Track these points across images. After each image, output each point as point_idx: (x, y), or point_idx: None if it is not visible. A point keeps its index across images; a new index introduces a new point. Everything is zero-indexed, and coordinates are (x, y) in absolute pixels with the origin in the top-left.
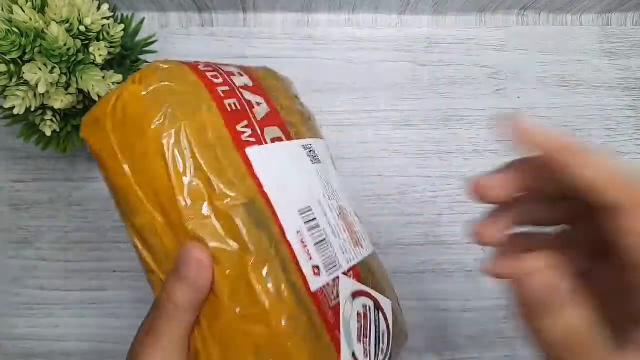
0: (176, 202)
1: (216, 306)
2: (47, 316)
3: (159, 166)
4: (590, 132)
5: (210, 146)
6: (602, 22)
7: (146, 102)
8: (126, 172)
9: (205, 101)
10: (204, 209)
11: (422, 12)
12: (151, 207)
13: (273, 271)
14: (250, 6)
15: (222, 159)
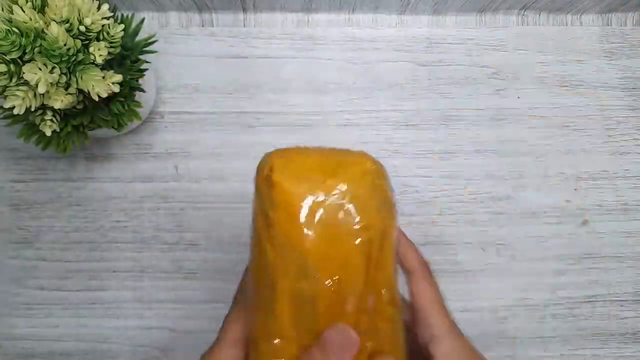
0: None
1: None
2: (47, 316)
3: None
4: (590, 132)
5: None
6: (602, 22)
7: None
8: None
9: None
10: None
11: (422, 12)
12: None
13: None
14: (250, 6)
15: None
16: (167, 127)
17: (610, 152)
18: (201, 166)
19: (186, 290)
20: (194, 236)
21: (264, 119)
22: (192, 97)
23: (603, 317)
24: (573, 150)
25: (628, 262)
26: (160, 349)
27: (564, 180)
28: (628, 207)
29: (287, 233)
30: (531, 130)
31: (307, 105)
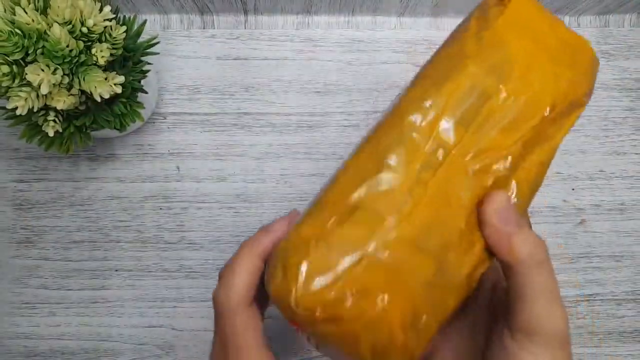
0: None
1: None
2: (49, 315)
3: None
4: (588, 132)
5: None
6: (600, 24)
7: None
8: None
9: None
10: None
11: (421, 14)
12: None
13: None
14: (251, 8)
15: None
16: (169, 128)
17: (608, 153)
18: (202, 166)
19: (188, 289)
20: (195, 235)
21: (265, 120)
22: (194, 98)
23: (600, 316)
24: (570, 150)
25: (625, 262)
26: (161, 348)
27: (561, 180)
28: (625, 207)
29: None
30: None
31: (307, 106)
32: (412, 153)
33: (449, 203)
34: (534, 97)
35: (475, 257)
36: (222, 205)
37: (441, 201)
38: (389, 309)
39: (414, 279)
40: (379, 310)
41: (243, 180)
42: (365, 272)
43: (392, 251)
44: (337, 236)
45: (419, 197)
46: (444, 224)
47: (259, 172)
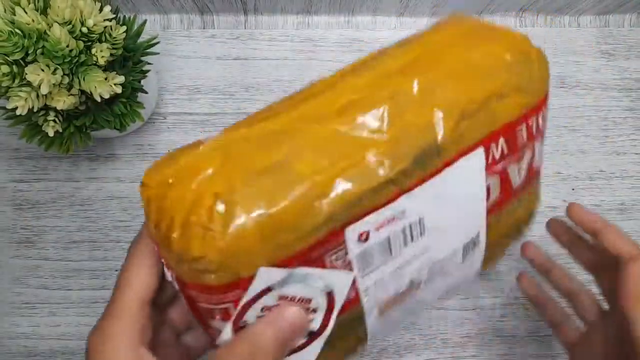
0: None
1: None
2: (49, 315)
3: None
4: (588, 132)
5: None
6: (600, 24)
7: None
8: None
9: None
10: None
11: (420, 14)
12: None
13: None
14: (251, 8)
15: None
16: (169, 128)
17: (608, 153)
18: None
19: None
20: None
21: None
22: (194, 98)
23: None
24: (570, 150)
25: None
26: None
27: (561, 180)
28: (625, 207)
29: None
30: None
31: None
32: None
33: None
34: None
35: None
36: None
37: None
38: (206, 182)
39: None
40: (198, 182)
41: None
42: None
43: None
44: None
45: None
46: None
47: None
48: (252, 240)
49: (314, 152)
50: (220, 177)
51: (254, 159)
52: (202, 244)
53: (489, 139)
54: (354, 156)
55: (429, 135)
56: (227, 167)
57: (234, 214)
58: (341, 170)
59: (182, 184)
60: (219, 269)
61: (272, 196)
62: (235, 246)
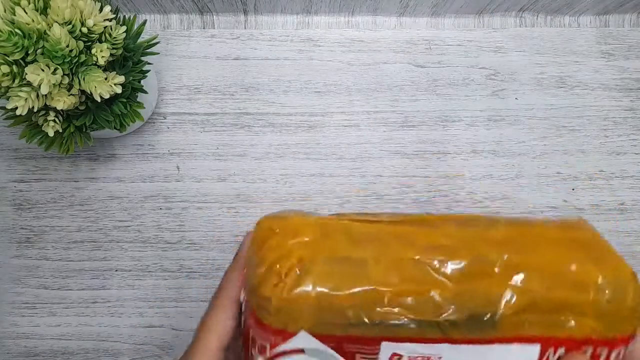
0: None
1: None
2: (49, 315)
3: None
4: (588, 132)
5: None
6: (600, 24)
7: None
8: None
9: None
10: None
11: (420, 14)
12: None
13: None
14: (250, 8)
15: None
16: (169, 128)
17: (608, 153)
18: (202, 166)
19: (187, 289)
20: (195, 235)
21: (265, 120)
22: (194, 98)
23: None
24: (570, 150)
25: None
26: (161, 348)
27: (561, 181)
28: (625, 207)
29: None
30: (528, 131)
31: (307, 106)
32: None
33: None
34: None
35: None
36: (222, 205)
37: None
38: (299, 246)
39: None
40: (294, 242)
41: (243, 180)
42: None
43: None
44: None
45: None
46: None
47: (259, 172)
48: (308, 306)
49: (390, 266)
50: (310, 247)
51: (342, 246)
52: (273, 289)
53: (550, 340)
54: (421, 285)
55: (491, 304)
56: (320, 242)
57: (305, 280)
58: (405, 291)
59: (282, 237)
60: (275, 313)
61: (340, 282)
62: (294, 303)
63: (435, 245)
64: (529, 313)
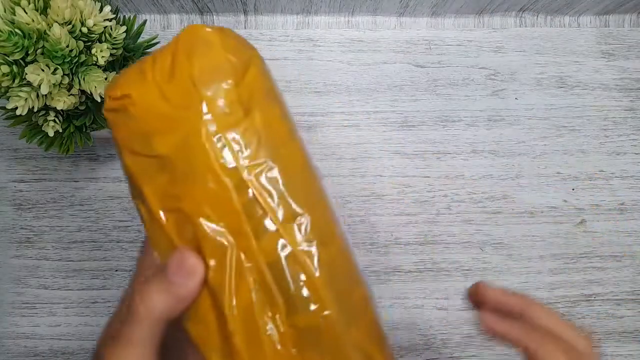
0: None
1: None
2: (49, 315)
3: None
4: (588, 132)
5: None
6: (600, 24)
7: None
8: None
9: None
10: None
11: (420, 14)
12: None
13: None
14: (250, 8)
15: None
16: None
17: (607, 153)
18: None
19: None
20: None
21: None
22: None
23: (600, 316)
24: (570, 150)
25: (625, 262)
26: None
27: (561, 181)
28: (625, 207)
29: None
30: (528, 130)
31: (307, 106)
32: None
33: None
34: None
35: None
36: None
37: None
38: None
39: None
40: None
41: None
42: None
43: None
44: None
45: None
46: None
47: None
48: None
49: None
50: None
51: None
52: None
53: None
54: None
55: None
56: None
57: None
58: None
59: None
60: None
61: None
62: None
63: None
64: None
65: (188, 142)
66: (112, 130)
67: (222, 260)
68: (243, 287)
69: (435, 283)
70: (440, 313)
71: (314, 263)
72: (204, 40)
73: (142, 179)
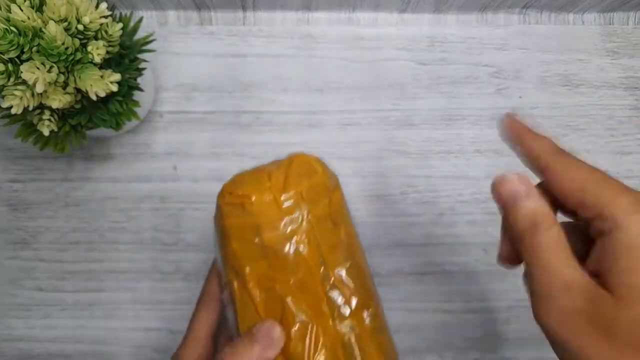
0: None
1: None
2: (45, 317)
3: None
4: (592, 131)
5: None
6: (604, 21)
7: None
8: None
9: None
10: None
11: (423, 10)
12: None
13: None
14: (249, 4)
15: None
16: (166, 127)
17: (613, 152)
18: (200, 166)
19: (185, 291)
20: (192, 237)
21: (264, 119)
22: (191, 96)
23: None
24: (575, 150)
25: None
26: (158, 351)
27: None
28: None
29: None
30: None
31: (307, 104)
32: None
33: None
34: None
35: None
36: None
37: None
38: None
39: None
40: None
41: None
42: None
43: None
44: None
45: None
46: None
47: None
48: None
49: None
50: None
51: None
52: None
53: None
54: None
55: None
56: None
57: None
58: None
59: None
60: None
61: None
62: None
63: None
64: None
65: (291, 239)
66: (223, 218)
67: (303, 334)
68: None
69: (438, 285)
70: (443, 316)
71: (376, 346)
72: (310, 168)
73: (245, 261)
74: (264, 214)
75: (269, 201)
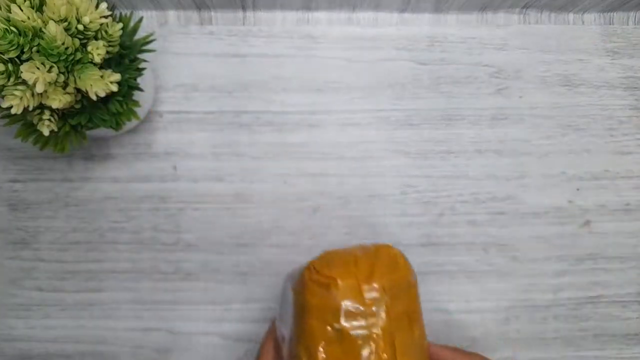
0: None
1: None
2: (45, 317)
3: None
4: (592, 131)
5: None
6: (604, 21)
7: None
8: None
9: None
10: None
11: (423, 10)
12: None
13: None
14: (249, 4)
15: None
16: (166, 127)
17: (613, 152)
18: (200, 166)
19: (184, 291)
20: (192, 237)
21: (264, 119)
22: (191, 96)
23: (605, 318)
24: (575, 150)
25: (630, 263)
26: (158, 351)
27: (565, 181)
28: (630, 208)
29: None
30: (533, 130)
31: (307, 104)
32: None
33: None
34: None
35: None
36: (219, 206)
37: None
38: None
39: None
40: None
41: (241, 180)
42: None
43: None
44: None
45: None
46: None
47: (257, 172)
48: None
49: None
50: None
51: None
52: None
53: None
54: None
55: None
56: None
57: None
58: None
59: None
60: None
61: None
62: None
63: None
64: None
65: (369, 331)
66: (306, 293)
67: None
68: None
69: (438, 285)
70: (443, 316)
71: None
72: (395, 261)
73: (320, 340)
74: (347, 300)
75: (354, 288)
